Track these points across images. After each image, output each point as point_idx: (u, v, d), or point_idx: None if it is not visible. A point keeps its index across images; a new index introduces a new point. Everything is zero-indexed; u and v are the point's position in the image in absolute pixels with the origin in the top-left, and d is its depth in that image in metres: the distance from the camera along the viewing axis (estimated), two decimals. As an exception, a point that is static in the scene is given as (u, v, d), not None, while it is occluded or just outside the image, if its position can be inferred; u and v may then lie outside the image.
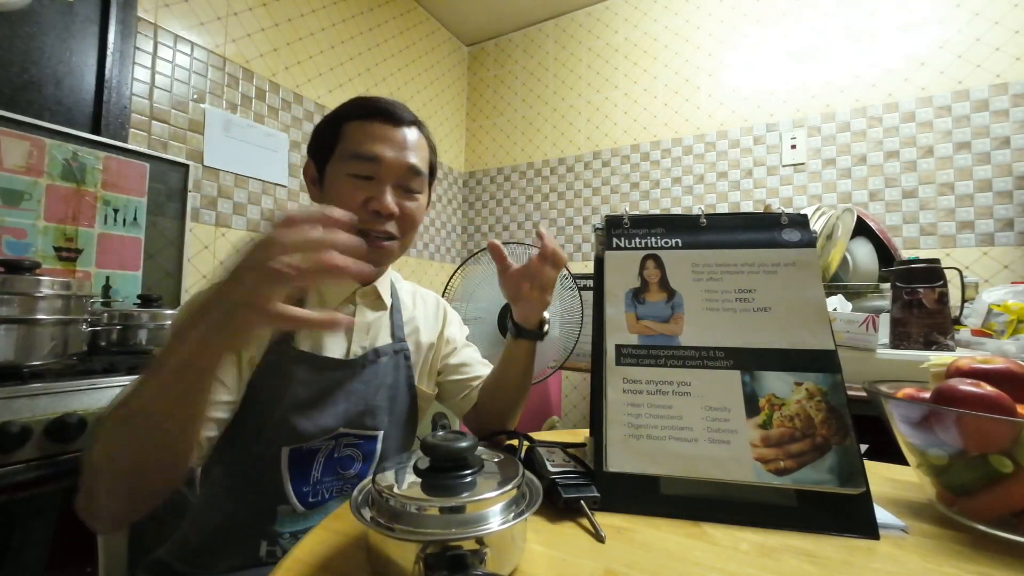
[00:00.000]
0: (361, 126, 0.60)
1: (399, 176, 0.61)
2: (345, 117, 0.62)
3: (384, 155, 0.59)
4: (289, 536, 0.55)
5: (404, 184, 0.62)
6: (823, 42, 1.83)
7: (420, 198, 0.64)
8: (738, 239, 0.51)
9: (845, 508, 0.40)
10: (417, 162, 0.62)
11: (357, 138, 0.60)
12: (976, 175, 1.58)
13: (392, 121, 0.61)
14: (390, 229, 0.61)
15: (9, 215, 1.09)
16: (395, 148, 0.60)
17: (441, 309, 0.78)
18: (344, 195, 0.59)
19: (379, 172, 0.59)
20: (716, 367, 0.46)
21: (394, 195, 0.60)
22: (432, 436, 0.36)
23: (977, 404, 0.38)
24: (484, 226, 2.68)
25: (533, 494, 0.36)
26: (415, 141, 0.63)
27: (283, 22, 1.78)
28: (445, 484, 0.33)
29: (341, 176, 0.60)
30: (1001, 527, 0.38)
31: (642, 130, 2.22)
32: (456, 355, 0.75)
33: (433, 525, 0.31)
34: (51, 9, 1.22)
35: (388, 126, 0.61)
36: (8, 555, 0.75)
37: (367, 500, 0.34)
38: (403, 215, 0.62)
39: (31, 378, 0.79)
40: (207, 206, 1.52)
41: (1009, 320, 0.97)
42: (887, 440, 0.46)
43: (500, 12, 2.51)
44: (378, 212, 0.59)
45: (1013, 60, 1.54)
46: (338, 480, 0.60)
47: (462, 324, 0.82)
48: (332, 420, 0.59)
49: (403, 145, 0.61)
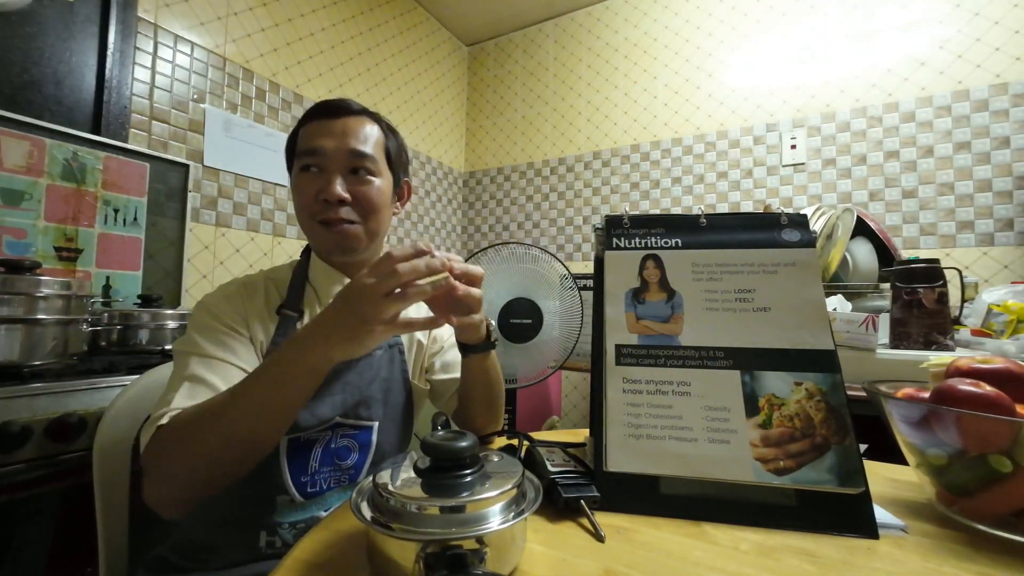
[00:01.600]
0: (307, 127, 0.65)
1: (344, 162, 0.63)
2: (299, 125, 0.67)
3: (324, 145, 0.62)
4: (288, 526, 0.56)
5: (353, 167, 0.63)
6: (823, 42, 1.83)
7: (376, 180, 0.65)
8: (738, 239, 0.51)
9: (845, 508, 0.40)
10: (360, 146, 0.63)
11: (304, 137, 0.65)
12: (976, 175, 1.58)
13: (330, 114, 0.65)
14: (344, 215, 0.62)
15: (9, 215, 1.09)
16: (334, 137, 0.63)
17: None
18: (300, 191, 0.63)
19: (323, 163, 0.63)
20: (716, 367, 0.46)
21: (345, 182, 0.63)
22: (432, 436, 0.36)
23: (976, 404, 0.38)
24: (484, 226, 2.68)
25: (533, 494, 0.36)
26: (357, 127, 0.64)
27: (283, 22, 1.78)
28: (445, 484, 0.33)
29: (297, 175, 0.64)
30: (1001, 527, 0.38)
31: (642, 130, 2.22)
32: (443, 354, 0.76)
33: (433, 525, 0.31)
34: (51, 9, 1.22)
35: (327, 120, 0.64)
36: (8, 555, 0.75)
37: (367, 499, 0.34)
38: (357, 199, 0.63)
39: (31, 378, 0.79)
40: (207, 206, 1.52)
41: (1009, 320, 0.97)
42: (887, 440, 0.46)
43: (500, 12, 2.51)
44: (327, 200, 0.61)
45: (1013, 60, 1.54)
46: (335, 471, 0.61)
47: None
48: (329, 410, 0.60)
49: (343, 133, 0.63)
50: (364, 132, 0.65)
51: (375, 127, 0.67)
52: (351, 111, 0.65)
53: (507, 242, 1.75)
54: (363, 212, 0.64)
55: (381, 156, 0.66)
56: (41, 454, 0.75)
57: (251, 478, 0.56)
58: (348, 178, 0.63)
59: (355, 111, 0.66)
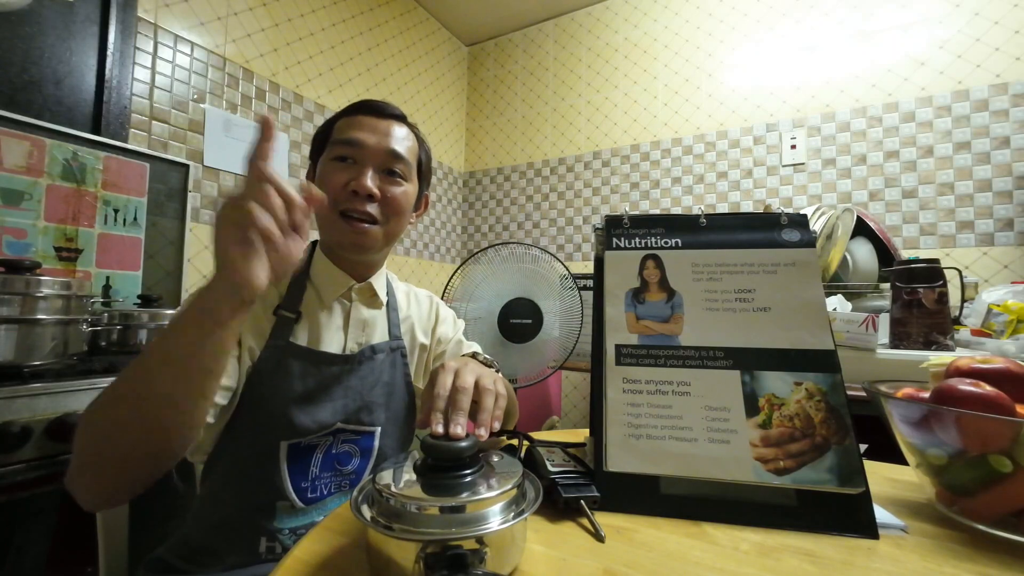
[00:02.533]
0: (348, 120, 0.65)
1: (380, 160, 0.62)
2: (337, 118, 0.66)
3: (365, 139, 0.62)
4: (288, 532, 0.56)
5: (387, 168, 0.63)
6: (823, 42, 1.83)
7: (405, 184, 0.65)
8: (738, 239, 0.51)
9: (845, 508, 0.40)
10: (399, 148, 0.63)
11: (342, 128, 0.64)
12: (976, 175, 1.58)
13: (375, 113, 0.65)
14: (371, 211, 0.61)
15: (9, 215, 1.09)
16: (376, 134, 0.63)
17: (434, 308, 0.78)
18: (328, 178, 0.62)
19: (360, 155, 0.62)
20: (716, 367, 0.46)
21: (376, 179, 0.62)
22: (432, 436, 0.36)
23: (976, 404, 0.38)
24: (484, 226, 2.68)
25: (533, 494, 0.36)
26: (399, 131, 0.65)
27: (283, 22, 1.78)
28: (445, 484, 0.33)
29: (327, 163, 0.63)
30: (1001, 527, 0.38)
31: (642, 130, 2.22)
32: (445, 357, 0.75)
33: (433, 524, 0.31)
34: (51, 9, 1.22)
35: (371, 117, 0.64)
36: (8, 555, 0.75)
37: (367, 499, 0.34)
38: (385, 198, 0.62)
39: (31, 378, 0.79)
40: (207, 206, 1.52)
41: (1009, 320, 0.97)
42: (887, 440, 0.46)
43: (500, 12, 2.51)
44: (356, 192, 0.60)
45: (1013, 60, 1.54)
46: (336, 476, 0.60)
47: (456, 320, 0.82)
48: (330, 415, 0.59)
49: (385, 132, 0.63)
50: (403, 136, 0.65)
51: (412, 135, 0.68)
52: (394, 115, 0.66)
53: (507, 242, 1.75)
54: (387, 213, 0.63)
55: (414, 163, 0.67)
56: (41, 454, 0.75)
57: (250, 483, 0.56)
58: (381, 177, 0.63)
59: (397, 115, 0.67)
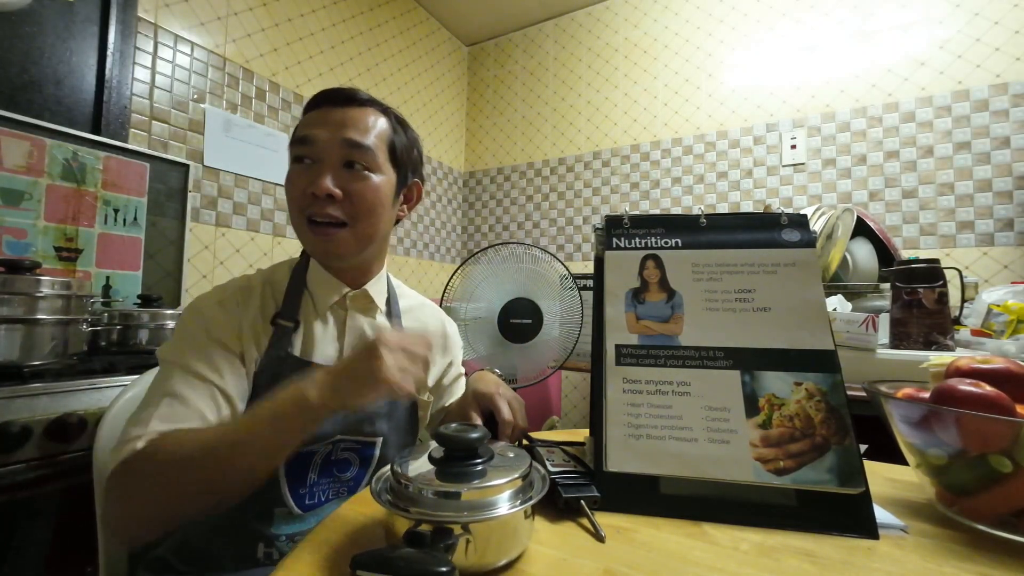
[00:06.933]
0: (307, 115, 0.61)
1: (338, 154, 0.58)
2: (303, 114, 0.63)
3: (317, 135, 0.58)
4: (286, 539, 0.55)
5: (348, 161, 0.58)
6: (823, 42, 1.83)
7: (373, 177, 0.59)
8: (738, 239, 0.51)
9: (845, 508, 0.40)
10: (356, 136, 0.58)
11: (300, 126, 0.60)
12: (976, 175, 1.58)
13: (333, 103, 0.60)
14: (333, 212, 0.57)
15: (9, 215, 1.08)
16: (329, 126, 0.58)
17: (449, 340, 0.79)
18: (290, 183, 0.59)
19: (315, 153, 0.58)
20: (716, 367, 0.46)
21: (338, 176, 0.57)
22: (446, 428, 0.38)
23: (977, 404, 0.38)
24: (484, 226, 2.68)
25: (540, 483, 0.38)
26: (360, 118, 0.59)
27: (283, 22, 1.78)
28: (457, 471, 0.36)
29: (289, 167, 0.60)
30: (1001, 527, 0.38)
31: (642, 130, 2.22)
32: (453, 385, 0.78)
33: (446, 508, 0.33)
34: (51, 9, 1.22)
35: (329, 108, 0.60)
36: (8, 555, 0.75)
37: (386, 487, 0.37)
38: (348, 196, 0.58)
39: (31, 378, 0.79)
40: (207, 206, 1.52)
41: (1009, 320, 0.97)
42: (887, 440, 0.46)
43: (500, 12, 2.51)
44: (316, 195, 0.56)
45: (1013, 60, 1.54)
46: (335, 483, 0.60)
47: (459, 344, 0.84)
48: (329, 427, 0.58)
49: (339, 123, 0.58)
50: (366, 123, 0.59)
51: (381, 119, 0.62)
52: (356, 101, 0.61)
53: (507, 242, 1.75)
54: (353, 212, 0.58)
55: (383, 151, 0.61)
56: (41, 454, 0.75)
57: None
58: (341, 173, 0.58)
59: (361, 101, 0.61)
